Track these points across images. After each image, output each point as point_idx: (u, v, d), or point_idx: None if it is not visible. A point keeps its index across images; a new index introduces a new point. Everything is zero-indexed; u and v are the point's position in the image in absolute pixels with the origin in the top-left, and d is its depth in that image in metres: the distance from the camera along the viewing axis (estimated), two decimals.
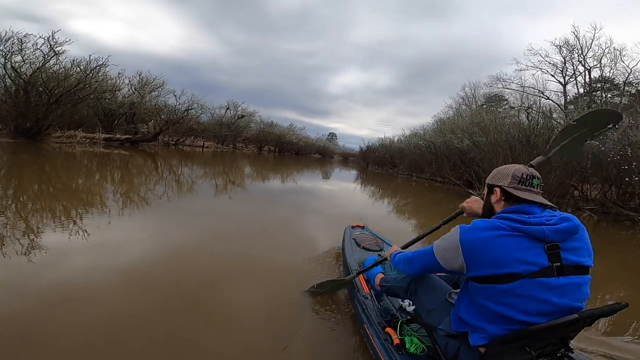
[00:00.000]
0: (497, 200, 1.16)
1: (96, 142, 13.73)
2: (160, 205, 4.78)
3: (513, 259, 0.95)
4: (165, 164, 11.02)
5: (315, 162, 33.25)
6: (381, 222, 5.53)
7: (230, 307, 2.10)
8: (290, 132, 39.92)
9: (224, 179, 9.44)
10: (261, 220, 4.82)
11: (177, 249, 3.02)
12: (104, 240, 2.94)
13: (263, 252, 3.24)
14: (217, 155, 19.48)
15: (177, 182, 7.49)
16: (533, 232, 0.96)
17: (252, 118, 30.94)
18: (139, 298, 2.06)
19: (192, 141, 23.41)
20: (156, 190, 6.04)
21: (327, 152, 55.04)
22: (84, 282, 2.16)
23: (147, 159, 12.02)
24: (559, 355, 1.03)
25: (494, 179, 1.19)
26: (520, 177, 1.11)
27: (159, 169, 9.63)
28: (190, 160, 13.75)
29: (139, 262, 2.58)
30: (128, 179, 7.24)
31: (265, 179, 11.16)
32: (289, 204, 6.56)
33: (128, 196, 5.22)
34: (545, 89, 22.10)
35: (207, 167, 11.80)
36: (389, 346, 1.42)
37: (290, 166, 20.27)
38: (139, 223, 3.75)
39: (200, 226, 4.01)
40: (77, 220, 3.44)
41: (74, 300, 1.93)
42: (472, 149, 13.96)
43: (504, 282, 0.95)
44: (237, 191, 7.34)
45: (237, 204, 5.85)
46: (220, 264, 2.82)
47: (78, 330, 1.66)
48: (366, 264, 2.09)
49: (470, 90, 29.27)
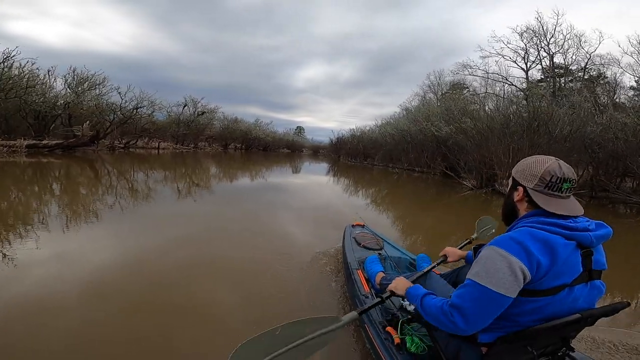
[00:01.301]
0: (519, 199, 1.04)
1: (17, 151, 11.26)
2: (112, 216, 4.28)
3: (564, 268, 0.89)
4: (110, 171, 9.26)
5: (285, 157, 32.53)
6: (376, 219, 5.19)
7: (216, 308, 2.09)
8: (257, 128, 38.30)
9: (185, 182, 8.41)
10: (232, 223, 4.50)
11: (134, 257, 2.88)
12: (54, 256, 2.75)
13: (234, 252, 3.21)
14: (177, 156, 17.45)
15: (130, 190, 6.68)
16: (582, 240, 0.92)
17: (215, 114, 28.76)
18: (105, 306, 2.00)
19: (146, 143, 20.92)
20: (105, 200, 5.35)
21: (296, 146, 54.85)
22: (48, 293, 2.10)
23: (84, 166, 10.01)
24: (560, 354, 1.03)
25: (521, 176, 1.04)
26: (549, 180, 0.97)
27: (104, 177, 7.85)
28: (143, 164, 11.92)
29: (92, 273, 2.45)
30: (69, 189, 6.30)
31: (232, 178, 10.37)
32: (257, 205, 6.20)
33: (67, 210, 4.56)
34: (509, 75, 22.49)
35: (161, 171, 10.11)
36: (390, 345, 1.38)
37: (258, 163, 19.19)
38: (78, 239, 3.30)
39: (166, 232, 3.77)
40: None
41: (39, 312, 1.88)
42: (451, 136, 13.45)
43: (550, 295, 0.89)
44: (202, 194, 6.86)
45: (201, 207, 5.55)
46: (179, 268, 2.70)
47: (48, 341, 1.64)
48: (366, 263, 2.06)
49: (435, 79, 29.88)
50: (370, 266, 1.98)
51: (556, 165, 0.97)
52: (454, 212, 7.07)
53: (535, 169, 0.99)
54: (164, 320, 1.89)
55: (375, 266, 1.93)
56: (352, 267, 2.15)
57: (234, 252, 3.19)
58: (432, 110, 16.66)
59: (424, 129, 15.68)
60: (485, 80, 22.58)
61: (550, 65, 20.60)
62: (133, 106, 17.27)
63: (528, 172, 1.01)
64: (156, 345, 1.68)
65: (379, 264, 1.97)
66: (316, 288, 2.45)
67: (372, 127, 27.65)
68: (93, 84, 15.97)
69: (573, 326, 0.94)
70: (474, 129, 9.92)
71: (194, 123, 25.20)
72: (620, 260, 3.82)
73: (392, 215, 6.27)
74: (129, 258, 2.81)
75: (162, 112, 23.74)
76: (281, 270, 2.73)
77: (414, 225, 5.58)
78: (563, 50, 19.75)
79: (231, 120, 33.31)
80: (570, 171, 0.98)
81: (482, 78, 22.73)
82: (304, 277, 2.64)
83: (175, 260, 2.84)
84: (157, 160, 14.64)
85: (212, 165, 14.78)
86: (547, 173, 0.97)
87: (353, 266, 2.16)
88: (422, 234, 4.97)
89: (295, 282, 2.54)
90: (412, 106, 29.77)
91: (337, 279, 2.60)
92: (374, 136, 24.79)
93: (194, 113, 25.41)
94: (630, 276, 3.48)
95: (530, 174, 1.00)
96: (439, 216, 6.43)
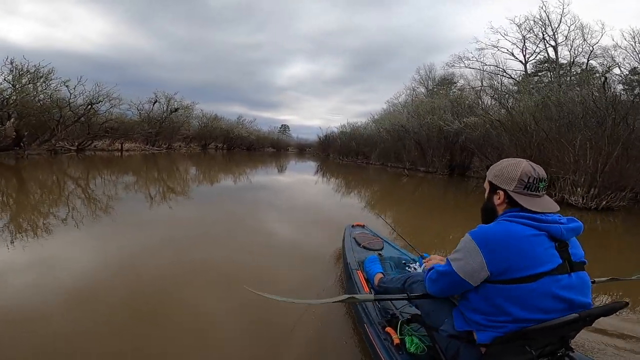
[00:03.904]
0: (500, 203, 1.10)
1: None
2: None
3: (540, 258, 0.94)
4: (46, 179, 6.73)
5: (270, 156, 31.11)
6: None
7: (206, 316, 2.00)
8: (239, 126, 35.70)
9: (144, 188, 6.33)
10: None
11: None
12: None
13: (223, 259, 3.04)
14: (144, 159, 14.83)
15: (86, 199, 5.47)
16: (553, 231, 0.97)
17: (191, 112, 26.07)
18: (86, 315, 1.90)
19: (110, 144, 18.10)
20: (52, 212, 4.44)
21: (282, 145, 52.91)
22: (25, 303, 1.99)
23: (9, 176, 7.47)
24: (559, 354, 1.02)
25: (499, 180, 1.10)
26: (527, 181, 1.04)
27: (37, 187, 5.45)
28: (96, 170, 9.32)
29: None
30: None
31: (212, 182, 9.05)
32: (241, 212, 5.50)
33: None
34: (507, 67, 21.45)
35: (97, 179, 7.71)
36: (389, 346, 1.38)
37: (242, 164, 17.21)
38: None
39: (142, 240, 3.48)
40: None
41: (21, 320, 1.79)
42: (463, 130, 11.67)
43: (529, 282, 0.94)
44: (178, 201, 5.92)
45: (178, 214, 4.99)
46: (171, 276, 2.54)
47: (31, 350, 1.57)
48: (366, 263, 2.03)
49: (425, 73, 28.95)
50: (369, 267, 1.96)
51: (529, 167, 1.05)
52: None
53: (512, 172, 1.06)
54: (146, 330, 1.81)
55: (374, 267, 1.93)
56: (352, 268, 2.13)
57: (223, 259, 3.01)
58: (437, 102, 14.84)
59: (429, 123, 13.87)
60: (481, 73, 21.43)
61: (555, 56, 19.35)
62: (87, 102, 14.49)
63: (506, 176, 1.07)
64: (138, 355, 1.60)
65: (378, 265, 1.95)
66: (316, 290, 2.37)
67: (367, 122, 25.81)
68: (36, 77, 13.11)
69: (571, 326, 0.94)
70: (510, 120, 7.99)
71: (166, 121, 22.45)
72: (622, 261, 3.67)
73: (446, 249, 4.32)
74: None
75: (131, 110, 21.16)
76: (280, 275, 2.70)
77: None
78: (569, 41, 18.50)
79: (210, 117, 30.67)
80: (542, 171, 1.06)
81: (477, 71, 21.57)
82: (305, 279, 2.61)
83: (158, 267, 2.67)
84: (117, 165, 12.06)
85: (183, 169, 12.37)
86: (524, 175, 1.04)
87: (353, 266, 2.15)
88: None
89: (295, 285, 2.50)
90: (400, 102, 29.17)
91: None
92: (368, 132, 22.85)
93: (167, 110, 22.66)
94: (629, 275, 2.70)
95: (508, 177, 1.07)
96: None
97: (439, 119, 13.13)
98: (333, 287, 2.43)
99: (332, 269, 2.77)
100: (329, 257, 3.03)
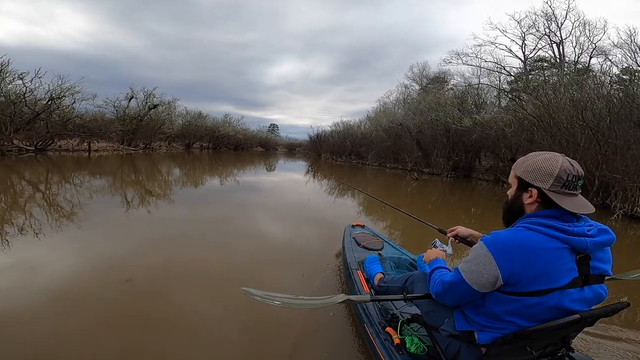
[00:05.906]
0: (531, 202, 0.96)
1: None
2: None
3: (555, 273, 0.87)
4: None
5: (259, 156, 29.65)
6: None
7: (199, 317, 1.96)
8: (226, 124, 33.84)
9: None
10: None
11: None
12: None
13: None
14: (116, 160, 13.09)
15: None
16: (576, 244, 0.88)
17: (173, 109, 24.18)
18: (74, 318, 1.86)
19: (79, 144, 16.18)
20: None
21: (271, 144, 51.31)
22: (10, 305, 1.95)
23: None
24: (560, 355, 1.01)
25: (532, 176, 0.94)
26: (565, 179, 0.90)
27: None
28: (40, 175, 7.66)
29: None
30: None
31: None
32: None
33: None
34: (506, 64, 20.76)
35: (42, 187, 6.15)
36: (389, 346, 1.37)
37: (229, 165, 15.62)
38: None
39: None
40: None
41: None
42: (472, 128, 10.53)
43: (538, 296, 0.88)
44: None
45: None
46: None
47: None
48: (366, 263, 2.01)
49: (419, 70, 28.73)
50: (369, 266, 1.94)
51: (568, 163, 0.93)
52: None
53: (549, 168, 0.92)
54: (138, 332, 1.79)
55: (374, 267, 1.91)
56: (352, 268, 2.12)
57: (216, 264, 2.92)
58: (442, 99, 13.69)
59: (433, 120, 12.70)
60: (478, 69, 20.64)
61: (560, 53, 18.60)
62: (48, 97, 12.62)
63: (541, 172, 0.93)
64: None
65: (378, 265, 1.94)
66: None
67: (361, 120, 24.59)
68: None
69: (573, 326, 0.91)
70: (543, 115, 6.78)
71: (144, 119, 20.58)
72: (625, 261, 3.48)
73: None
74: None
75: (108, 107, 19.19)
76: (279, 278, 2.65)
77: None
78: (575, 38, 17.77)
79: (195, 115, 28.78)
80: (579, 167, 0.95)
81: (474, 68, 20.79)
82: (305, 279, 2.56)
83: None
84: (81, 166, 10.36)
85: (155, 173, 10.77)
86: (563, 172, 0.91)
87: (353, 266, 2.14)
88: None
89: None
90: (391, 100, 28.41)
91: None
92: (362, 131, 21.59)
93: (144, 107, 20.77)
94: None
95: (544, 173, 0.93)
96: None
97: (445, 116, 11.96)
98: (333, 287, 2.44)
99: (332, 269, 2.80)
100: (329, 257, 3.05)
